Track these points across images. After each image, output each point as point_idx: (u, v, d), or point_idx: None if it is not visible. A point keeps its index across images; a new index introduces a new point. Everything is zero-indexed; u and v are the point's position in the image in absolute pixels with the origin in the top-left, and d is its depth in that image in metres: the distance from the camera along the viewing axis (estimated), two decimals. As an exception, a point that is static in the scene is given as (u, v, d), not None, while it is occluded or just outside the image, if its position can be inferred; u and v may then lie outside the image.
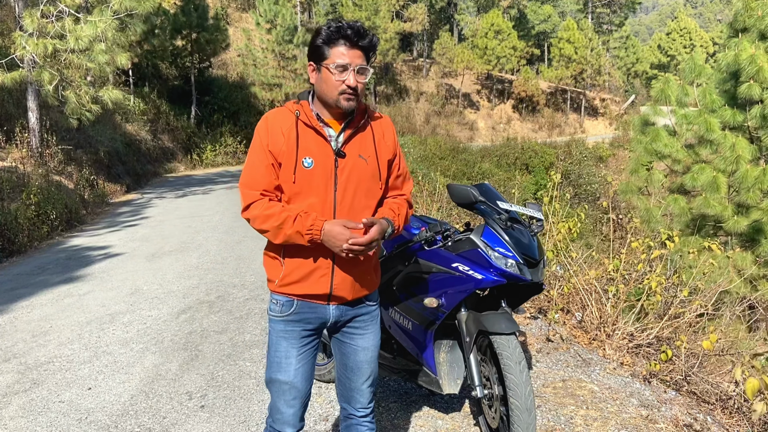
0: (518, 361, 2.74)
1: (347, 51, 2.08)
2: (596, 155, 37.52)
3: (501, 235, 2.89)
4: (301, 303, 2.22)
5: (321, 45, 2.11)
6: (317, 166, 2.13)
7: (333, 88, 2.10)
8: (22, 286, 7.26)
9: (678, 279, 4.37)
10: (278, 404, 2.26)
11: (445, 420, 3.39)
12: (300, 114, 2.16)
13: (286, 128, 2.15)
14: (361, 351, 2.32)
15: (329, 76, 2.09)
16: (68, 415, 3.82)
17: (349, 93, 2.09)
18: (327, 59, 2.10)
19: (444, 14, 58.91)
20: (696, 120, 8.88)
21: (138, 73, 26.06)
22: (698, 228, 8.81)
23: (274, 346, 2.25)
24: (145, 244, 9.65)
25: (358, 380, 2.34)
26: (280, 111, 2.21)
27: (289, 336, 2.23)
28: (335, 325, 2.31)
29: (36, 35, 12.52)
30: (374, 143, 2.25)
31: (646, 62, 64.50)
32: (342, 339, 2.34)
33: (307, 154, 2.13)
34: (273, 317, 2.26)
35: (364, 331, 2.33)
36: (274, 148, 2.13)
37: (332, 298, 2.22)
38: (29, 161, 13.15)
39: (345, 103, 2.11)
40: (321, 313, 2.24)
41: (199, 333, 5.25)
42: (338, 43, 2.08)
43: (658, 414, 3.42)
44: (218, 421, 3.61)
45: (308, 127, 2.16)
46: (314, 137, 2.15)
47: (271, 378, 2.26)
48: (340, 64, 2.07)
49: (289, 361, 2.23)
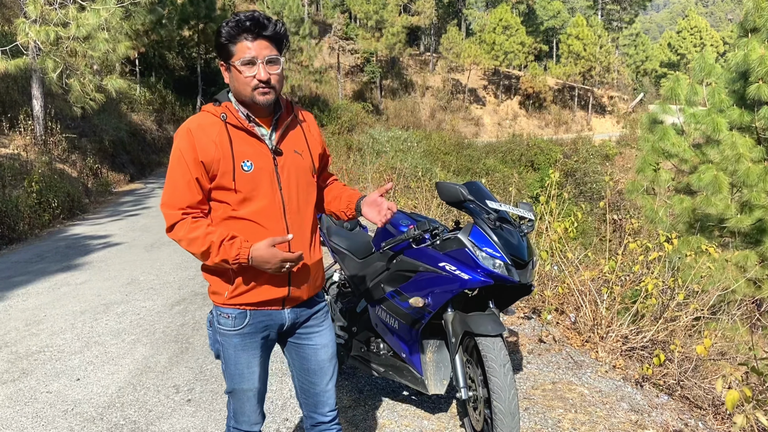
0: (503, 364, 2.70)
1: (252, 44, 1.97)
2: (603, 153, 37.35)
3: (489, 235, 2.84)
4: (254, 312, 2.11)
5: (225, 43, 2.00)
6: (257, 168, 2.04)
7: (245, 84, 1.99)
8: (19, 274, 7.26)
9: (674, 282, 4.31)
10: (244, 409, 2.22)
11: (431, 420, 3.36)
12: (227, 116, 2.04)
13: (215, 135, 2.02)
14: (321, 349, 2.25)
15: (238, 73, 1.99)
16: (54, 405, 3.81)
17: (262, 87, 1.98)
18: (233, 56, 1.99)
19: (452, 8, 58.67)
20: (704, 119, 8.79)
21: (144, 62, 26.08)
22: (701, 228, 8.74)
23: (233, 360, 2.15)
24: (145, 234, 9.65)
25: (322, 381, 2.26)
26: (202, 117, 2.07)
27: (249, 347, 2.14)
28: (291, 329, 2.22)
29: (39, 22, 12.50)
30: (305, 137, 2.20)
31: (656, 60, 64.11)
32: (299, 342, 2.25)
33: (245, 158, 2.02)
34: (225, 332, 2.13)
35: (320, 327, 2.26)
36: (206, 158, 1.99)
37: (288, 301, 2.15)
38: (33, 149, 13.16)
39: (260, 98, 2.00)
40: (277, 318, 2.16)
41: (191, 325, 5.23)
42: (241, 37, 1.98)
43: (648, 419, 3.38)
44: (203, 416, 3.59)
45: (239, 129, 2.05)
46: (247, 139, 2.05)
47: (235, 389, 2.19)
48: (246, 59, 1.97)
49: (252, 371, 2.16)
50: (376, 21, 40.80)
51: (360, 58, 46.25)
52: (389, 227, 3.29)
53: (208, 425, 3.48)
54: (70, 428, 3.51)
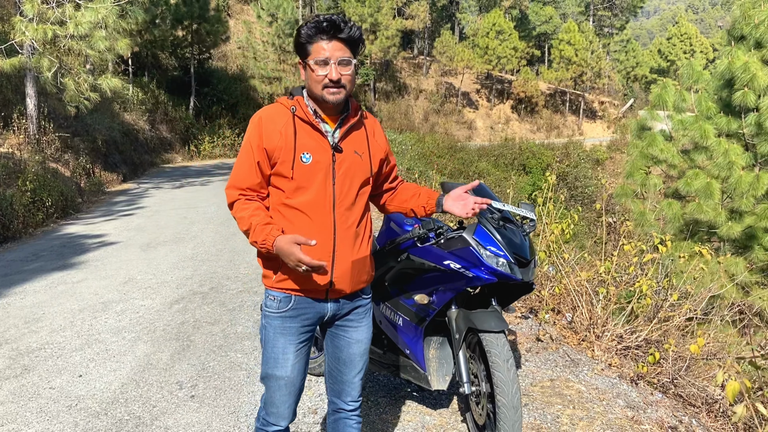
0: (506, 359, 2.77)
1: (327, 45, 2.08)
2: (593, 158, 37.64)
3: (493, 234, 2.91)
4: (298, 299, 2.21)
5: (303, 43, 2.12)
6: (315, 161, 2.15)
7: (317, 83, 2.11)
8: (15, 273, 7.26)
9: (668, 282, 4.41)
10: (274, 399, 2.27)
11: (433, 416, 3.43)
12: (296, 110, 2.16)
13: (282, 125, 2.15)
14: (354, 344, 2.34)
15: (312, 72, 2.11)
16: (58, 401, 3.84)
17: (332, 86, 2.10)
18: (309, 55, 2.11)
19: (446, 12, 58.88)
20: (692, 126, 8.92)
21: (137, 62, 25.99)
22: (691, 233, 8.87)
23: (271, 342, 2.24)
24: (140, 233, 9.65)
25: (350, 373, 2.36)
26: (274, 108, 2.21)
27: (287, 332, 2.23)
28: (332, 320, 2.32)
29: (36, 21, 12.48)
30: (367, 141, 2.29)
31: (646, 66, 64.59)
32: (336, 332, 2.35)
33: (305, 150, 2.14)
34: (270, 313, 2.24)
35: (358, 324, 2.35)
36: (269, 145, 2.14)
37: (331, 293, 2.23)
38: (26, 148, 13.11)
39: (330, 96, 2.11)
40: (319, 308, 2.25)
41: (192, 323, 5.27)
42: (317, 38, 2.09)
43: (643, 415, 3.46)
44: (207, 411, 3.64)
45: (305, 122, 2.17)
46: (311, 133, 2.16)
47: (268, 374, 2.26)
48: (319, 59, 2.08)
49: (286, 357, 2.23)
50: (371, 24, 40.87)
51: (353, 61, 46.22)
52: (394, 226, 3.36)
53: (212, 420, 3.52)
54: (75, 423, 3.55)
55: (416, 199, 2.47)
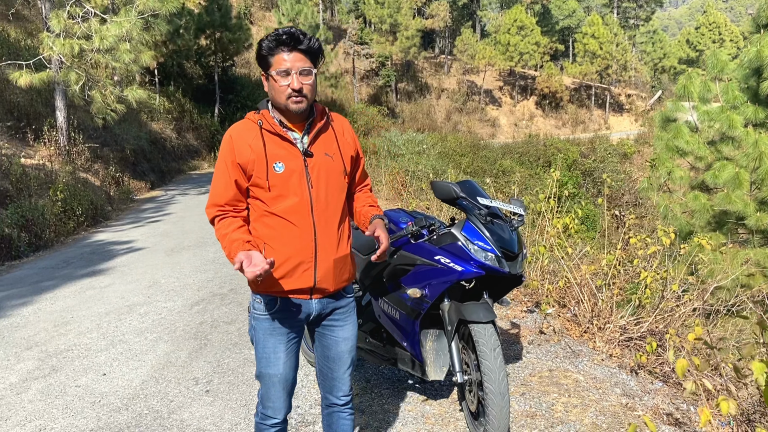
0: (493, 348, 2.90)
1: (288, 56, 2.19)
2: (621, 152, 37.17)
3: (481, 230, 3.04)
4: (284, 300, 2.33)
5: (265, 55, 2.23)
6: (288, 169, 2.25)
7: (280, 93, 2.22)
8: (47, 279, 7.60)
9: (666, 273, 4.47)
10: (270, 394, 2.41)
11: (433, 405, 3.57)
12: (263, 123, 2.28)
13: (251, 139, 2.26)
14: (342, 342, 2.47)
15: (275, 82, 2.22)
16: (83, 398, 4.08)
17: (295, 96, 2.21)
18: (271, 67, 2.22)
19: (466, 10, 58.74)
20: (718, 116, 8.82)
21: (163, 72, 26.59)
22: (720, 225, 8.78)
23: (262, 343, 2.37)
24: (166, 239, 9.97)
25: (339, 370, 2.48)
26: (243, 124, 2.33)
27: (276, 332, 2.35)
28: (317, 318, 2.44)
29: (63, 36, 12.93)
30: (337, 141, 2.40)
31: (674, 57, 63.51)
32: (323, 332, 2.47)
33: (277, 159, 2.25)
34: (258, 315, 2.37)
35: (344, 322, 2.47)
36: (242, 160, 2.24)
37: (315, 291, 2.35)
38: (57, 159, 13.59)
39: (294, 105, 2.22)
40: (305, 307, 2.37)
41: (210, 323, 5.49)
42: (278, 50, 2.20)
43: (639, 403, 3.55)
44: (221, 405, 3.84)
45: (272, 134, 2.28)
46: (280, 142, 2.27)
47: (262, 372, 2.39)
48: (281, 70, 2.19)
49: (278, 356, 2.36)
50: (391, 25, 41.08)
51: (375, 63, 46.57)
52: (390, 224, 3.51)
53: (225, 413, 3.72)
54: (98, 418, 3.78)
55: (357, 216, 2.57)
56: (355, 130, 30.92)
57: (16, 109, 14.49)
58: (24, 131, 13.75)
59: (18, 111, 14.46)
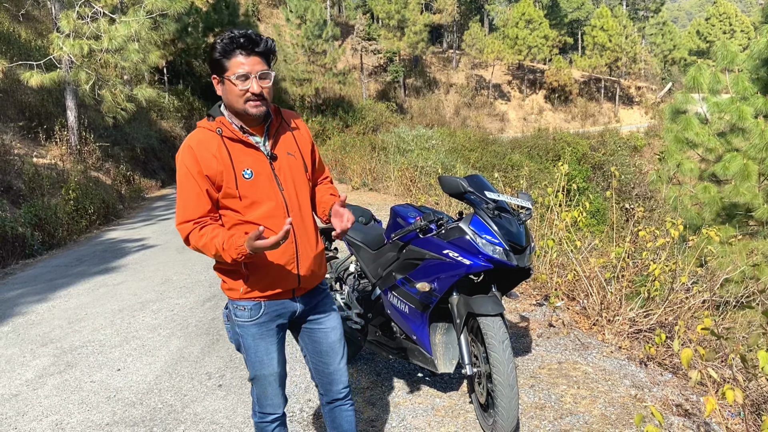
0: (502, 341, 2.93)
1: (245, 59, 2.11)
2: (631, 145, 37.00)
3: (488, 224, 3.07)
4: (268, 303, 2.31)
5: (219, 58, 2.13)
6: (257, 174, 2.20)
7: (238, 97, 2.13)
8: (60, 277, 7.70)
9: (675, 264, 4.47)
10: (267, 393, 2.41)
11: (443, 398, 3.60)
12: (222, 130, 2.19)
13: (214, 149, 2.17)
14: (331, 331, 2.47)
15: (232, 86, 2.13)
16: (98, 393, 4.15)
17: (254, 99, 2.14)
18: (227, 71, 2.13)
19: (474, 5, 58.56)
20: (728, 108, 8.77)
21: (172, 70, 26.74)
22: (729, 217, 8.74)
23: (253, 348, 2.34)
24: (177, 236, 10.05)
25: (334, 361, 2.47)
26: (199, 133, 2.22)
27: (265, 335, 2.33)
28: (302, 316, 2.44)
29: (72, 36, 13.05)
30: (294, 138, 2.36)
31: (684, 49, 62.99)
32: (310, 327, 2.47)
33: (244, 167, 2.19)
34: (243, 323, 2.32)
35: (327, 312, 2.48)
36: (210, 171, 2.15)
37: (297, 291, 2.36)
38: (68, 158, 13.74)
39: (253, 110, 2.15)
40: (289, 306, 2.35)
41: (222, 319, 5.55)
42: (235, 53, 2.11)
43: (648, 394, 3.56)
44: (233, 399, 3.89)
45: (234, 141, 2.20)
46: (243, 149, 2.21)
47: (257, 375, 2.37)
48: (240, 74, 2.10)
49: (271, 357, 2.35)
50: (398, 20, 41.03)
51: (383, 58, 46.55)
52: (399, 220, 3.54)
53: (237, 407, 3.78)
54: (113, 412, 3.85)
55: (319, 207, 2.49)
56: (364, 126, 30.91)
57: (28, 109, 14.64)
58: (36, 131, 13.90)
59: (29, 111, 14.62)
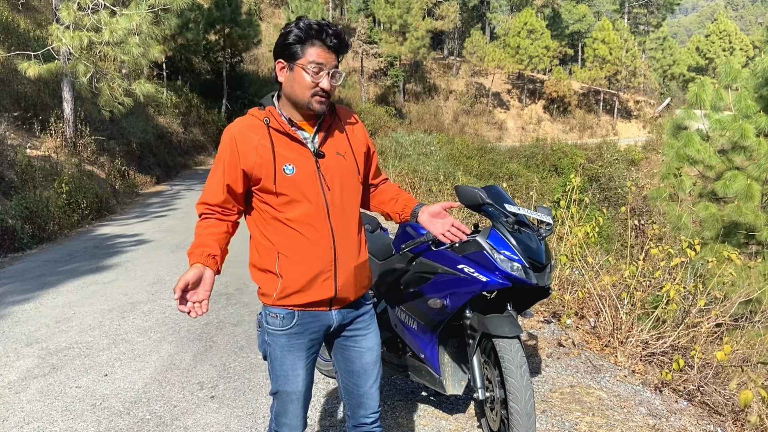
0: (520, 365, 2.74)
1: (324, 52, 2.00)
2: (628, 158, 36.95)
3: (507, 238, 2.88)
4: (302, 313, 2.14)
5: (294, 43, 2.01)
6: (299, 171, 2.06)
7: (306, 88, 2.02)
8: (49, 273, 7.46)
9: (695, 288, 4.30)
10: (287, 412, 2.22)
11: (449, 420, 3.40)
12: (270, 121, 2.07)
13: (257, 140, 2.06)
14: (366, 352, 2.27)
15: (303, 76, 2.00)
16: (83, 400, 3.92)
17: (321, 95, 2.03)
18: (301, 58, 2.00)
19: (476, 12, 58.58)
20: (730, 125, 8.68)
21: (171, 66, 26.51)
22: (729, 236, 8.61)
23: (279, 360, 2.17)
24: (171, 235, 9.83)
25: (366, 384, 2.27)
26: (246, 121, 2.12)
27: (295, 348, 2.16)
28: (338, 330, 2.25)
29: (72, 28, 12.81)
30: (348, 138, 2.21)
31: (684, 64, 63.21)
32: (345, 344, 2.27)
33: (286, 161, 2.05)
34: (274, 331, 2.16)
35: (366, 331, 2.28)
36: (247, 165, 2.05)
37: (335, 302, 2.16)
38: (63, 151, 13.48)
39: (317, 105, 2.04)
40: (324, 319, 2.17)
41: (215, 324, 5.34)
42: (314, 42, 1.99)
43: (666, 424, 3.38)
44: (226, 412, 3.68)
45: (281, 133, 2.08)
46: (289, 143, 2.08)
47: (279, 390, 2.20)
48: (317, 63, 1.99)
49: (297, 373, 2.16)
50: (400, 25, 40.93)
51: (383, 62, 46.41)
52: (409, 229, 3.35)
53: (231, 421, 3.56)
54: (98, 422, 3.63)
55: (393, 204, 2.38)
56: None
57: (24, 100, 14.38)
58: (30, 122, 13.64)
59: (25, 101, 14.36)
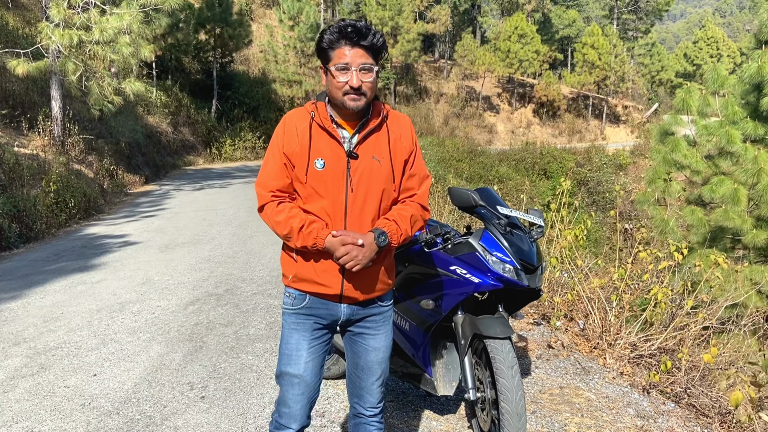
0: (511, 366, 2.76)
1: (349, 51, 2.08)
2: (616, 163, 37.21)
3: (500, 240, 2.90)
4: (313, 298, 2.24)
5: (325, 48, 2.12)
6: (328, 168, 2.14)
7: (337, 89, 2.10)
8: (37, 272, 7.40)
9: (683, 288, 4.35)
10: (287, 398, 2.26)
11: (440, 421, 3.42)
12: (315, 115, 2.17)
13: (301, 129, 2.17)
14: (372, 351, 2.33)
15: (333, 78, 2.10)
16: (72, 400, 3.90)
17: (352, 93, 2.09)
18: (331, 61, 2.11)
19: (467, 16, 58.79)
20: (717, 131, 8.77)
21: (161, 66, 26.37)
22: (716, 240, 8.71)
23: (286, 338, 2.28)
24: (160, 235, 9.79)
25: (368, 379, 2.35)
26: (298, 112, 2.24)
27: (301, 328, 2.25)
28: (347, 323, 2.32)
29: (62, 26, 12.72)
30: (389, 144, 2.23)
31: (672, 70, 63.75)
32: (354, 338, 2.35)
33: (319, 156, 2.14)
34: (286, 310, 2.29)
35: (375, 331, 2.33)
36: (288, 150, 2.16)
37: (344, 298, 2.23)
38: (51, 149, 13.38)
39: (350, 103, 2.10)
40: (332, 310, 2.25)
41: (205, 325, 5.32)
42: (340, 43, 2.09)
43: (653, 425, 3.42)
44: (217, 413, 3.67)
45: (321, 128, 2.17)
46: (327, 139, 2.16)
47: (282, 371, 2.27)
48: (341, 65, 2.07)
49: (299, 354, 2.24)
50: (392, 27, 40.97)
51: (374, 65, 46.34)
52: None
53: (221, 422, 3.56)
54: (88, 422, 3.61)
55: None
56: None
57: (11, 97, 14.26)
58: (18, 120, 13.53)
59: (13, 99, 14.24)
